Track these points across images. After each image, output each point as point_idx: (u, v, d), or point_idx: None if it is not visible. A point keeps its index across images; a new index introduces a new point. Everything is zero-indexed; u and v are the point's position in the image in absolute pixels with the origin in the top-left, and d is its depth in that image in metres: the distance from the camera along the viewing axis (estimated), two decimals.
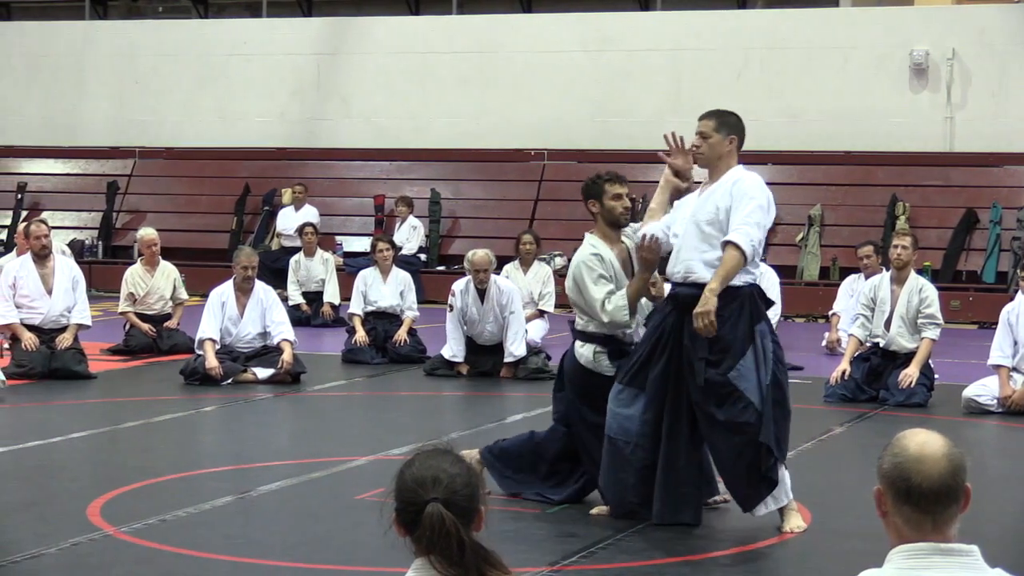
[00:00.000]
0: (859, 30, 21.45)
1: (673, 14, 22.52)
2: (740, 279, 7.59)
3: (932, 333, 12.12)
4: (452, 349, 13.60)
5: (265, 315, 13.32)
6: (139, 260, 15.49)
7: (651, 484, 7.71)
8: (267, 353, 13.18)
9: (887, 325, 12.26)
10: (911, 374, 11.94)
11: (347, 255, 21.45)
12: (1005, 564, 3.30)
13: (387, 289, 14.93)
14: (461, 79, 22.96)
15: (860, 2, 22.46)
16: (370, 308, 14.85)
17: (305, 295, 18.01)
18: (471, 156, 22.74)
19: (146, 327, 14.79)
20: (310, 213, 21.18)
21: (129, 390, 12.91)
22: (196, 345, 13.23)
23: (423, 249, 21.46)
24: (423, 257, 21.38)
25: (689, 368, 7.60)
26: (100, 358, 14.16)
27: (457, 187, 22.52)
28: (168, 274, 15.20)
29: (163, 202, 23.62)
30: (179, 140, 24.16)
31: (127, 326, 14.96)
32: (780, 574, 7.26)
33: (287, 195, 22.12)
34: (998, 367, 11.74)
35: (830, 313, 16.16)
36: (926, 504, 3.15)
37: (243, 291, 13.32)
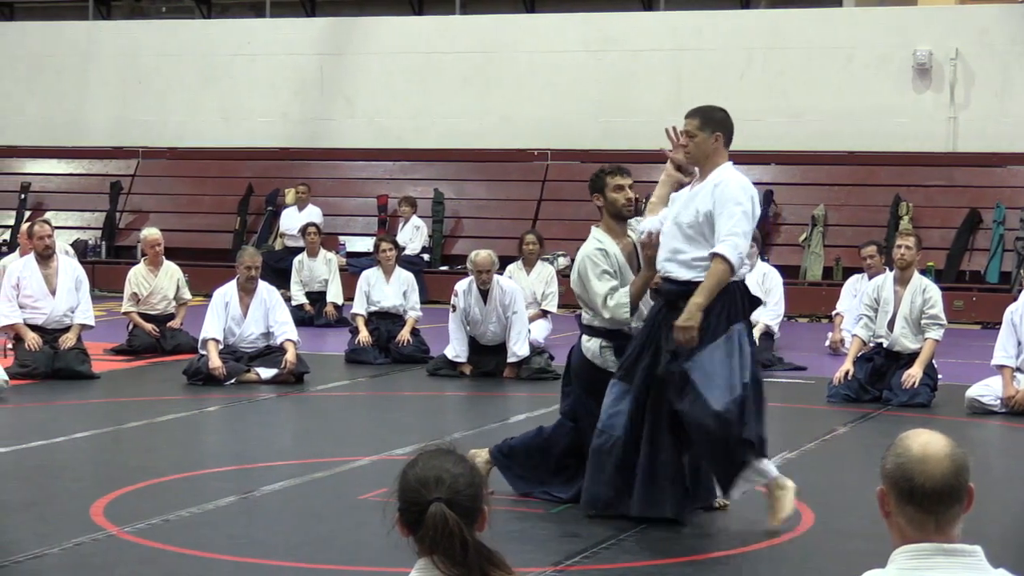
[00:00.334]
0: (862, 30, 21.45)
1: (676, 14, 22.52)
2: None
3: (936, 334, 12.11)
4: (455, 349, 13.60)
5: (268, 315, 13.32)
6: (143, 260, 15.49)
7: (629, 478, 7.72)
8: (270, 353, 13.18)
9: (890, 325, 12.26)
10: (914, 374, 11.93)
11: (350, 255, 21.46)
12: (1008, 564, 3.30)
13: (390, 289, 14.94)
14: (464, 79, 22.96)
15: (863, 2, 22.45)
16: (373, 308, 14.85)
17: (308, 295, 18.01)
18: (474, 156, 22.74)
19: (149, 327, 14.79)
20: (313, 213, 21.19)
21: (132, 390, 12.92)
22: (199, 345, 13.23)
23: (426, 249, 21.46)
24: (426, 257, 21.39)
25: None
26: (103, 358, 14.17)
27: (460, 187, 22.53)
28: (171, 274, 15.20)
29: (166, 202, 23.63)
30: (182, 140, 24.18)
31: (130, 326, 14.97)
32: (782, 574, 7.25)
33: (290, 195, 22.14)
34: (1001, 367, 11.74)
35: (833, 313, 16.16)
36: (929, 504, 3.15)
37: (246, 291, 13.33)
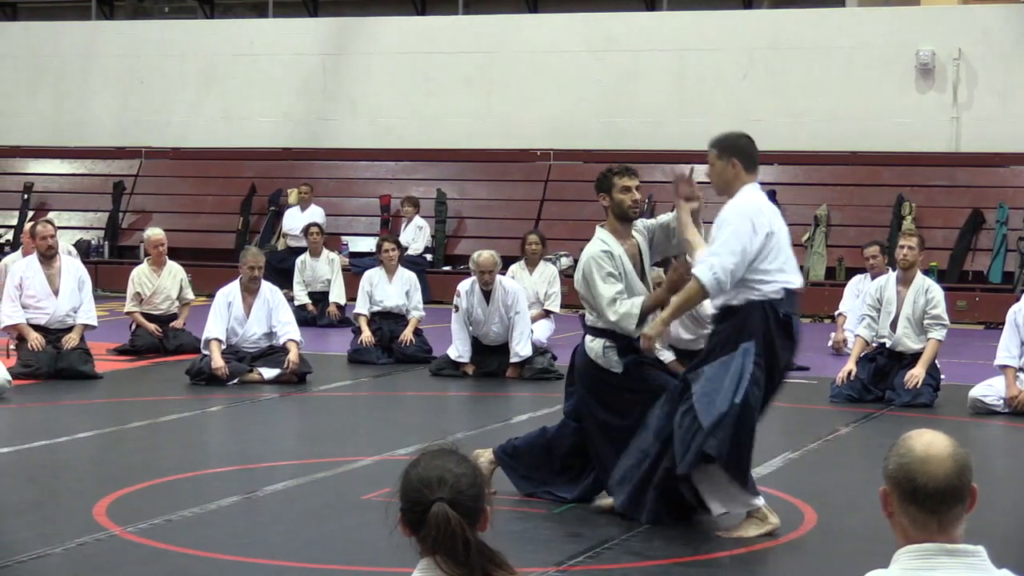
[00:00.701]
0: (865, 30, 21.44)
1: (678, 14, 22.52)
2: (739, 297, 7.56)
3: (938, 334, 12.11)
4: (458, 349, 13.60)
5: (271, 315, 13.32)
6: (146, 260, 15.50)
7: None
8: (273, 353, 13.18)
9: (893, 326, 12.25)
10: (917, 374, 11.93)
11: (353, 255, 21.46)
12: (1011, 564, 3.30)
13: (393, 289, 14.94)
14: (467, 79, 22.96)
15: (866, 2, 22.45)
16: (376, 308, 14.85)
17: (311, 295, 18.02)
18: (477, 156, 22.75)
19: (152, 327, 14.80)
20: (316, 213, 21.20)
21: (135, 390, 12.92)
22: (202, 345, 13.23)
23: (429, 249, 21.47)
24: (429, 257, 21.39)
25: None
26: (106, 358, 14.17)
27: (463, 187, 22.53)
28: (175, 274, 15.21)
29: (169, 202, 23.64)
30: (185, 140, 24.19)
31: (133, 326, 14.98)
32: (784, 574, 7.25)
33: (293, 195, 22.14)
34: (1004, 367, 11.73)
35: (836, 313, 16.15)
36: (931, 504, 3.15)
37: (249, 291, 13.33)
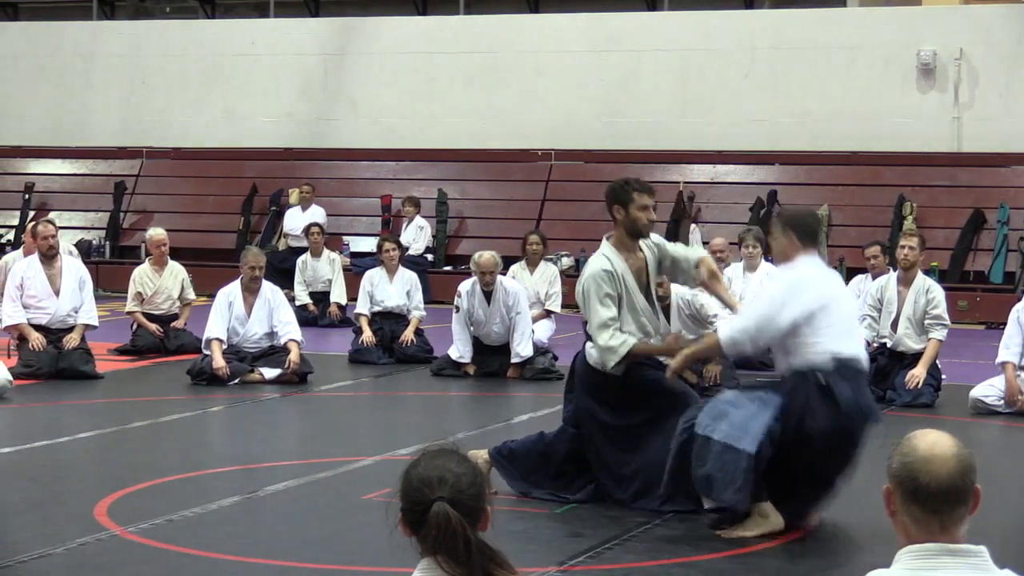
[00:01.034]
0: (866, 30, 21.43)
1: (680, 14, 22.51)
2: (786, 363, 7.64)
3: (939, 334, 12.10)
4: (459, 350, 13.60)
5: (272, 315, 13.32)
6: (147, 260, 15.50)
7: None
8: (274, 353, 13.18)
9: (894, 326, 12.25)
10: (918, 375, 11.92)
11: (354, 255, 21.46)
12: (1013, 565, 3.29)
13: (393, 289, 14.93)
14: (468, 79, 22.96)
15: (867, 2, 22.44)
16: (377, 308, 14.85)
17: (312, 295, 18.01)
18: (478, 156, 22.74)
19: (153, 327, 14.80)
20: (317, 213, 21.19)
21: (136, 390, 12.92)
22: (203, 345, 13.23)
23: (430, 249, 21.46)
24: (430, 257, 21.39)
25: None
26: (107, 358, 14.17)
27: (464, 187, 22.52)
28: (176, 274, 15.21)
29: (170, 202, 23.64)
30: (186, 140, 24.18)
31: (134, 326, 14.98)
32: (785, 574, 7.24)
33: (294, 195, 22.14)
34: (1004, 364, 11.71)
35: None
36: (934, 504, 3.15)
37: (250, 291, 13.33)
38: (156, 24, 25.27)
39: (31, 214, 22.92)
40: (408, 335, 14.58)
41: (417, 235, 21.04)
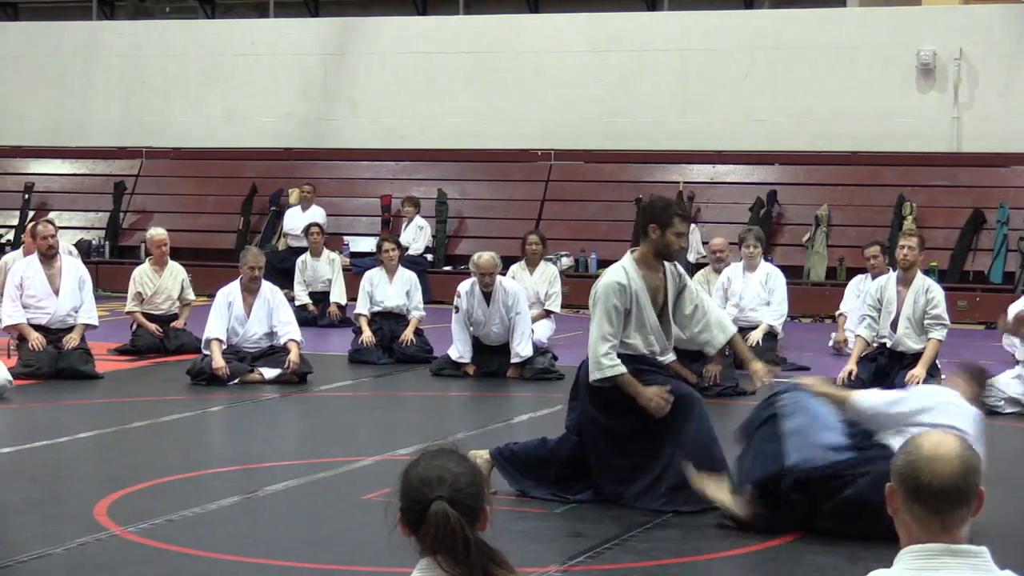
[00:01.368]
0: (866, 30, 21.43)
1: (680, 14, 22.51)
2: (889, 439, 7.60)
3: (939, 334, 12.10)
4: (459, 350, 13.60)
5: (272, 315, 13.32)
6: (147, 260, 15.50)
7: None
8: (274, 353, 13.17)
9: (894, 326, 12.25)
10: (918, 375, 11.91)
11: (354, 255, 21.46)
12: (1013, 566, 3.29)
13: (393, 289, 14.93)
14: (468, 79, 22.96)
15: (867, 2, 22.44)
16: (376, 308, 14.85)
17: (312, 295, 18.01)
18: (478, 156, 22.74)
19: (153, 327, 14.79)
20: (317, 213, 21.19)
21: (136, 390, 12.92)
22: (203, 345, 13.23)
23: (430, 249, 21.46)
24: (430, 257, 21.39)
25: None
26: (107, 358, 14.17)
27: (464, 187, 22.52)
28: (176, 274, 15.21)
29: (170, 202, 23.64)
30: (186, 140, 24.18)
31: (134, 326, 14.98)
32: (783, 574, 7.23)
33: (294, 195, 22.14)
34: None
35: (837, 313, 16.14)
36: (935, 504, 3.14)
37: (250, 291, 13.32)
38: (156, 24, 25.27)
39: (31, 214, 22.93)
40: (408, 335, 14.57)
41: (417, 235, 21.03)
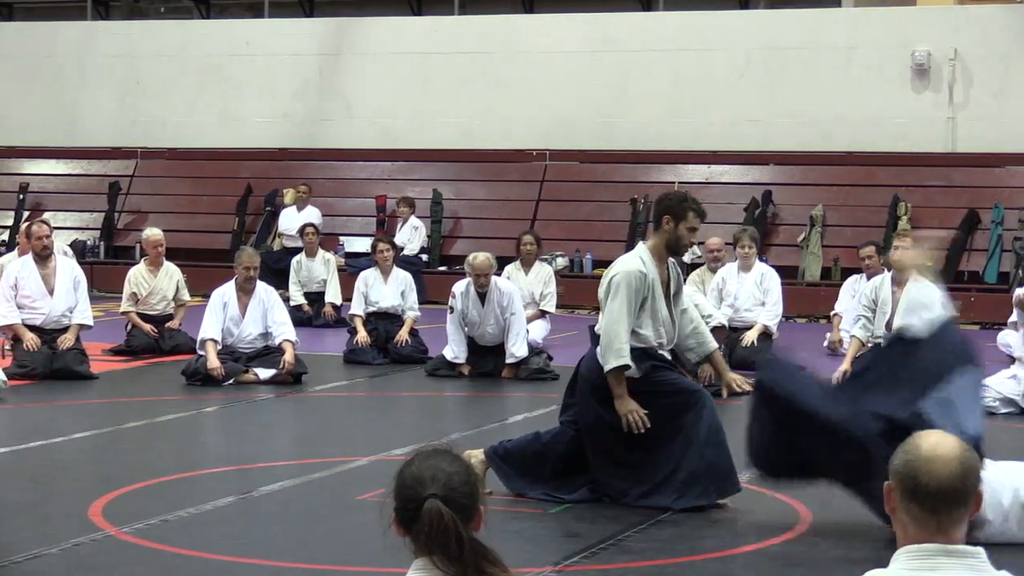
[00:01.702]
0: (861, 30, 21.44)
1: (675, 15, 22.51)
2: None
3: None
4: (454, 350, 13.59)
5: (267, 315, 13.31)
6: (143, 260, 15.49)
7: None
8: (269, 354, 13.17)
9: (888, 326, 12.24)
10: None
11: (349, 255, 21.45)
12: (1009, 566, 3.29)
13: (388, 289, 14.93)
14: (463, 80, 22.95)
15: (862, 2, 22.44)
16: (371, 309, 14.84)
17: (307, 295, 18.01)
18: (473, 156, 22.73)
19: (148, 327, 14.78)
20: (312, 214, 21.18)
21: (131, 390, 12.91)
22: (198, 345, 13.22)
23: (425, 249, 21.46)
24: (425, 257, 21.38)
25: None
26: (102, 358, 14.16)
27: (459, 187, 22.52)
28: (171, 275, 15.20)
29: (165, 203, 23.62)
30: (181, 140, 24.16)
31: (129, 326, 14.97)
32: (779, 574, 7.24)
33: (289, 195, 22.13)
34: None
35: (832, 314, 16.14)
36: (931, 504, 3.14)
37: (245, 291, 13.32)
38: (151, 24, 25.25)
39: (25, 214, 22.91)
40: (403, 335, 14.57)
41: (412, 235, 21.03)
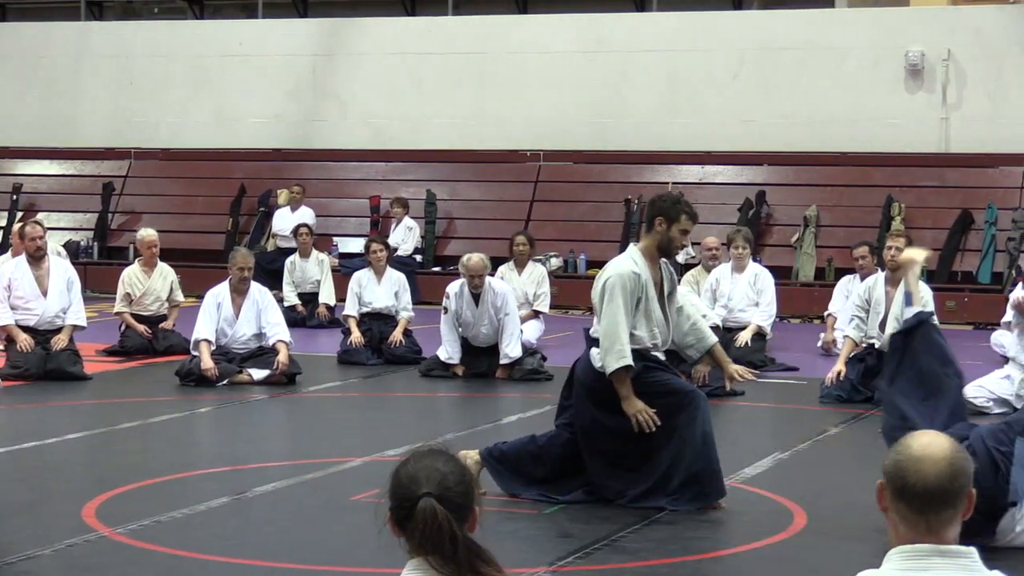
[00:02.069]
0: (854, 31, 21.45)
1: (668, 15, 22.51)
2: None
3: None
4: (448, 351, 13.59)
5: (261, 316, 13.31)
6: (137, 261, 15.49)
7: None
8: (263, 354, 13.16)
9: (882, 326, 12.26)
10: None
11: (343, 256, 21.45)
12: (1002, 566, 3.30)
13: (381, 290, 14.93)
14: (457, 80, 22.95)
15: (855, 3, 22.47)
16: (365, 309, 14.84)
17: (301, 296, 18.00)
18: (467, 157, 22.73)
19: (141, 328, 14.78)
20: (306, 214, 21.18)
21: (124, 391, 12.90)
22: (192, 346, 13.21)
23: (419, 250, 21.45)
24: (419, 258, 21.38)
25: None
26: (95, 359, 14.15)
27: (453, 188, 22.52)
28: (165, 276, 15.20)
29: (159, 203, 23.61)
30: (175, 141, 24.15)
31: (122, 327, 14.96)
32: (774, 575, 7.24)
33: (283, 196, 22.12)
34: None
35: (826, 314, 16.14)
36: (919, 504, 3.14)
37: (239, 292, 13.31)
38: (144, 25, 25.23)
39: (19, 215, 22.88)
40: (397, 336, 14.57)
41: (406, 236, 21.03)
